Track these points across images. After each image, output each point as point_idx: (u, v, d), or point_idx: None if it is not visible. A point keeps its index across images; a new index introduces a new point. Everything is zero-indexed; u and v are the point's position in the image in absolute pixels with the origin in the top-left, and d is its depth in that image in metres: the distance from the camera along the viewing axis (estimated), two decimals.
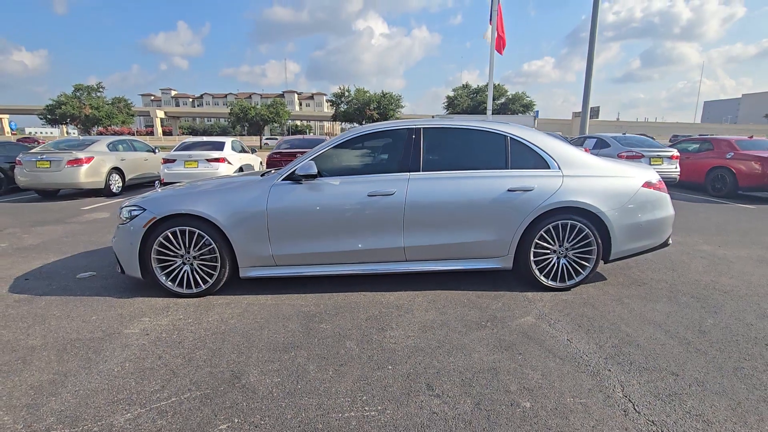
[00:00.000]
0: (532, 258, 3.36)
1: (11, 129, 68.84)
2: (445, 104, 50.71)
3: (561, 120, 65.38)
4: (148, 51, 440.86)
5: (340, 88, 48.54)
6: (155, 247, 3.22)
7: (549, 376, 2.18)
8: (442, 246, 3.32)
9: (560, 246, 3.37)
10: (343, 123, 54.67)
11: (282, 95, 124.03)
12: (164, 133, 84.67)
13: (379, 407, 1.91)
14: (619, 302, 3.18)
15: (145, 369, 2.25)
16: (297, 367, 2.27)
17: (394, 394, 2.02)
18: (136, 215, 3.24)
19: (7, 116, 73.02)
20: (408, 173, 3.33)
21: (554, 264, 3.40)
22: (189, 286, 3.28)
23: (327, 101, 51.61)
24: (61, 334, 2.66)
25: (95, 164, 8.75)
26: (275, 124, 53.59)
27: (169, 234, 3.22)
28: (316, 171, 3.22)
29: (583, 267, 3.41)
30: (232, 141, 9.91)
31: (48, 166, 8.33)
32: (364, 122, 49.97)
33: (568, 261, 3.41)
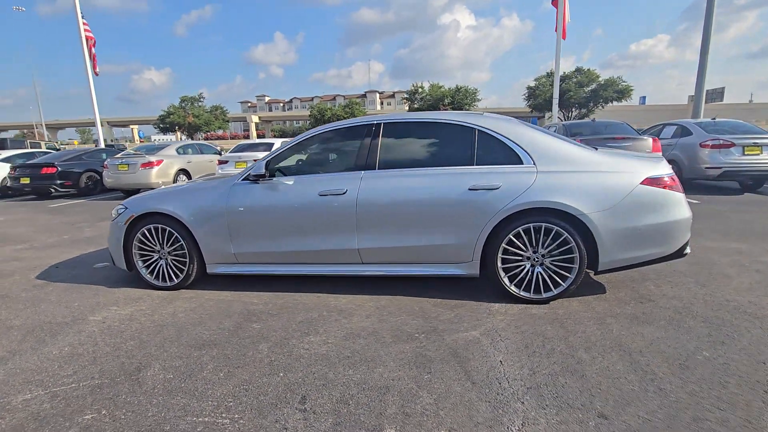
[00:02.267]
0: (500, 265, 2.99)
1: (140, 137, 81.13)
2: (526, 95, 47.73)
3: (674, 105, 57.31)
4: (250, 62, 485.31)
5: (413, 86, 48.45)
6: (135, 242, 3.51)
7: (442, 402, 1.91)
8: (398, 249, 3.11)
9: (534, 252, 2.95)
10: None
11: (364, 95, 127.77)
12: (258, 136, 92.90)
13: (237, 416, 1.85)
14: (599, 322, 2.68)
15: (76, 354, 2.46)
16: (197, 364, 2.30)
17: (263, 403, 1.94)
18: (121, 213, 3.56)
19: (136, 126, 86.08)
20: (362, 171, 3.18)
21: (529, 272, 2.98)
22: (164, 279, 3.52)
23: (402, 99, 51.79)
24: (40, 317, 3.03)
25: (164, 166, 9.85)
26: None
27: (145, 231, 3.48)
28: (263, 171, 3.23)
29: (564, 278, 2.94)
30: (283, 142, 10.46)
31: (126, 168, 9.60)
32: None
33: (544, 270, 2.96)
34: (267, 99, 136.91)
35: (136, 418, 1.85)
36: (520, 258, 2.97)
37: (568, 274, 2.93)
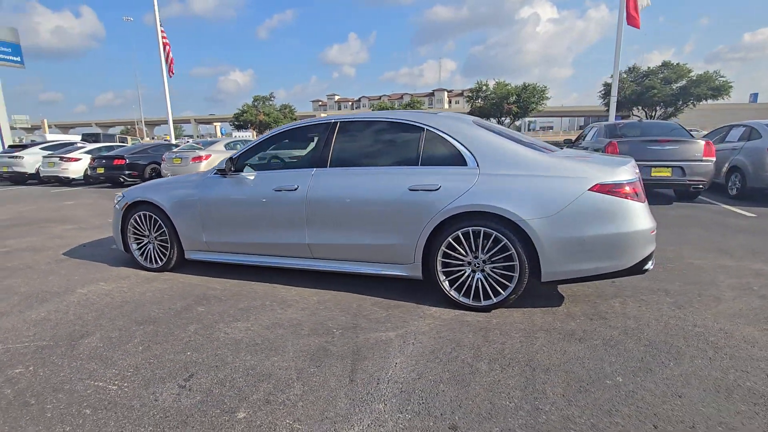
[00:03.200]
0: (439, 268, 2.93)
1: (221, 133, 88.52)
2: (602, 93, 44.25)
3: None
4: (324, 63, 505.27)
5: (477, 83, 47.17)
6: (129, 227, 3.96)
7: (309, 395, 1.96)
8: (345, 246, 3.18)
9: (475, 258, 2.85)
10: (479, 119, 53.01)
11: (432, 94, 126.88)
12: None
13: (126, 384, 2.06)
14: (527, 335, 2.53)
15: (46, 320, 2.87)
16: (128, 337, 2.57)
17: (155, 376, 2.13)
18: (119, 200, 4.03)
19: (219, 123, 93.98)
20: (314, 169, 3.28)
21: (469, 278, 2.89)
22: (151, 261, 3.92)
23: (465, 97, 50.69)
24: (42, 287, 3.55)
25: (212, 160, 10.72)
26: None
27: (137, 217, 3.90)
28: (224, 166, 3.46)
29: (504, 286, 2.81)
30: None
31: (179, 162, 10.61)
32: (501, 117, 47.56)
33: (485, 276, 2.85)
34: (337, 98, 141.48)
35: (49, 376, 2.15)
36: (461, 263, 2.89)
37: (508, 283, 2.79)
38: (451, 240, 2.85)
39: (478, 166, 2.86)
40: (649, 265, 2.73)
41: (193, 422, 1.78)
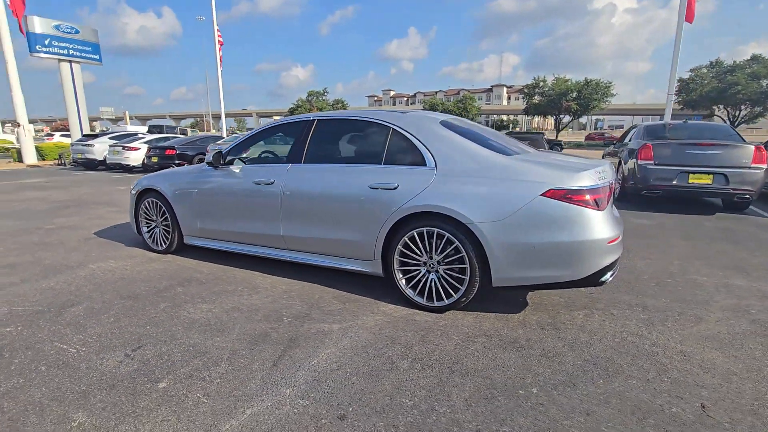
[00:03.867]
0: (396, 267, 2.98)
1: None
2: (677, 89, 40.52)
3: None
4: (383, 58, 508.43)
5: (534, 79, 45.17)
6: (141, 212, 4.38)
7: (230, 374, 2.12)
8: (314, 239, 3.32)
9: (430, 258, 2.86)
10: (535, 116, 50.72)
11: (490, 89, 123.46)
12: None
13: (84, 349, 2.35)
14: (466, 339, 2.52)
15: (52, 289, 3.29)
16: (107, 309, 2.89)
17: (111, 344, 2.40)
18: (134, 187, 4.46)
19: (278, 117, 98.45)
20: (290, 164, 3.44)
21: (425, 278, 2.91)
22: (157, 244, 4.32)
23: (521, 94, 48.70)
24: (63, 261, 4.04)
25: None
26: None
27: (146, 203, 4.31)
28: (210, 159, 3.72)
29: (456, 289, 2.80)
30: None
31: None
32: (559, 115, 45.21)
33: (439, 277, 2.86)
34: (392, 93, 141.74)
35: (29, 336, 2.50)
36: (417, 262, 2.91)
37: (460, 286, 2.77)
38: (407, 239, 2.88)
39: (436, 166, 2.86)
40: (608, 277, 2.59)
41: (120, 387, 2.01)
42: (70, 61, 17.86)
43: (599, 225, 2.50)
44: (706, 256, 4.27)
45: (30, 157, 16.43)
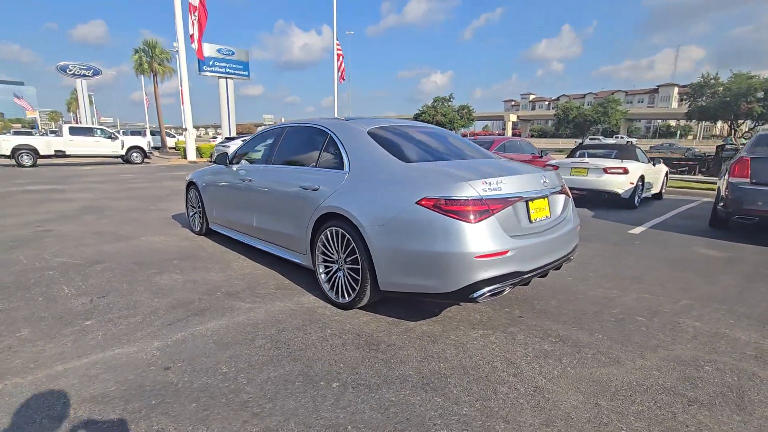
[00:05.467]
0: (318, 261, 3.26)
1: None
2: None
3: None
4: (528, 60, 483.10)
5: (702, 76, 37.62)
6: (187, 200, 5.48)
7: (140, 324, 2.74)
8: (270, 231, 3.79)
9: (339, 257, 3.07)
10: (700, 121, 41.98)
11: (656, 90, 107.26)
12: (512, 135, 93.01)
13: (75, 291, 3.26)
14: (337, 336, 2.67)
15: (100, 252, 4.45)
16: (116, 269, 3.84)
17: (87, 289, 3.27)
18: (187, 180, 5.60)
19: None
20: (263, 165, 3.98)
21: (336, 275, 3.13)
22: (195, 227, 5.36)
23: (685, 95, 40.76)
24: (130, 234, 5.32)
25: None
26: (600, 125, 47.97)
27: (190, 194, 5.38)
28: (214, 159, 4.47)
29: (354, 288, 2.94)
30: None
31: None
32: (735, 120, 36.79)
33: (344, 275, 3.04)
34: (532, 97, 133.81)
35: (56, 277, 3.55)
36: (332, 259, 3.14)
37: (356, 285, 2.91)
38: (323, 237, 3.13)
39: (349, 170, 3.04)
40: (483, 294, 2.42)
41: (65, 318, 2.79)
42: (226, 78, 22.03)
43: (467, 237, 2.38)
44: (730, 299, 3.37)
45: (191, 155, 20.82)
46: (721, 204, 5.62)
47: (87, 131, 17.43)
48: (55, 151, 16.27)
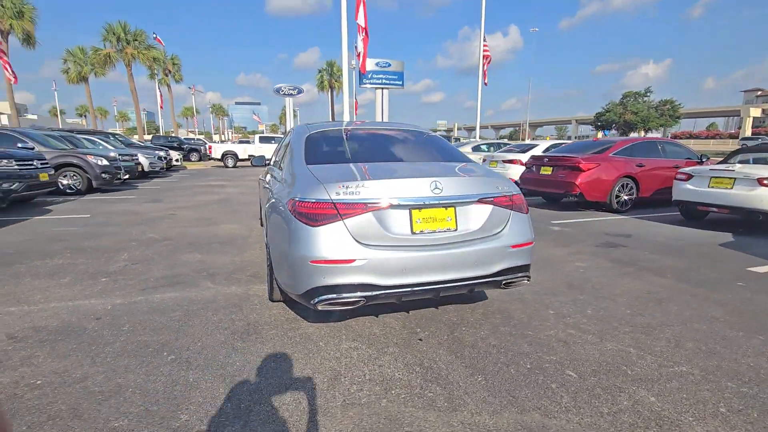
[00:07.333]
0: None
1: (604, 135, 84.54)
2: None
3: None
4: None
5: None
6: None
7: (119, 295, 3.58)
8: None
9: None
10: None
11: None
12: (754, 135, 71.05)
13: (108, 255, 4.39)
14: (241, 324, 2.93)
15: (166, 239, 5.75)
16: (168, 243, 4.94)
17: (123, 257, 4.35)
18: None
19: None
20: (275, 168, 4.47)
21: None
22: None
23: None
24: (208, 219, 6.64)
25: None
26: None
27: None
28: (253, 162, 5.17)
29: (270, 283, 3.14)
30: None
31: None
32: None
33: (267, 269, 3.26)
34: None
35: (129, 247, 4.82)
36: None
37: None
38: None
39: (283, 171, 3.24)
40: (320, 301, 2.28)
41: (97, 275, 3.84)
42: (382, 89, 24.07)
43: (305, 241, 2.29)
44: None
45: None
46: None
47: (270, 139, 21.75)
48: (249, 155, 20.88)
